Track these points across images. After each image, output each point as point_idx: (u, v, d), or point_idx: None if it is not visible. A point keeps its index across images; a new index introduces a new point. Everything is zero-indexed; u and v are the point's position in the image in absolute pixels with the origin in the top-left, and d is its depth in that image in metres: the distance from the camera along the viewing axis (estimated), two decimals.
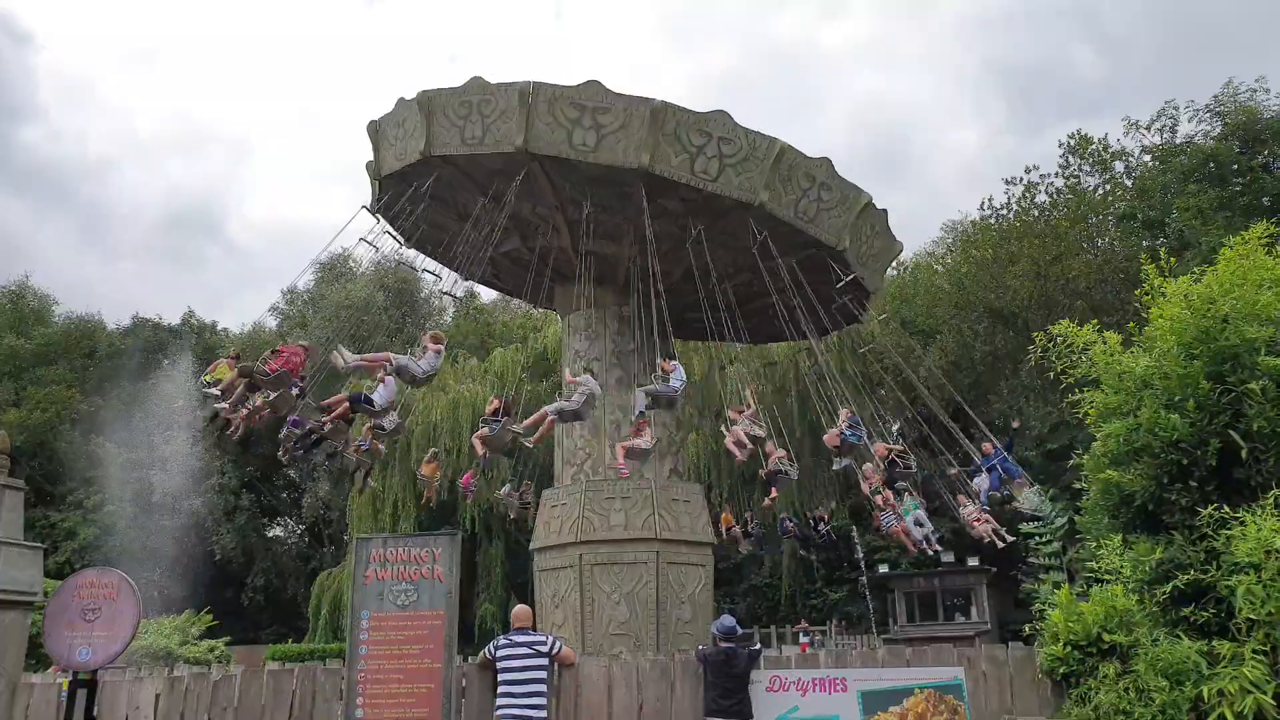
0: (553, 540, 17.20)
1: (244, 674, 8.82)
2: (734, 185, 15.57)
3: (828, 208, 16.57)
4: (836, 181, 16.61)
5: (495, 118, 15.52)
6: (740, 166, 15.51)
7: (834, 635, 31.42)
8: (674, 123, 15.20)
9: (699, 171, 15.38)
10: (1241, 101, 26.89)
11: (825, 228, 16.64)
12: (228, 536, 43.04)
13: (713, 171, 15.44)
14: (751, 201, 15.60)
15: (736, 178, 15.54)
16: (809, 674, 7.88)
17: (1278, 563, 5.63)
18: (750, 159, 15.53)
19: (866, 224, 17.39)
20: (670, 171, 15.27)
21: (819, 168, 16.30)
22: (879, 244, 18.33)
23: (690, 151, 15.33)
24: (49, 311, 54.03)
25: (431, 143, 16.10)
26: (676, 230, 16.58)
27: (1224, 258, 7.11)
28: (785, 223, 16.07)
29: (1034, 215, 30.91)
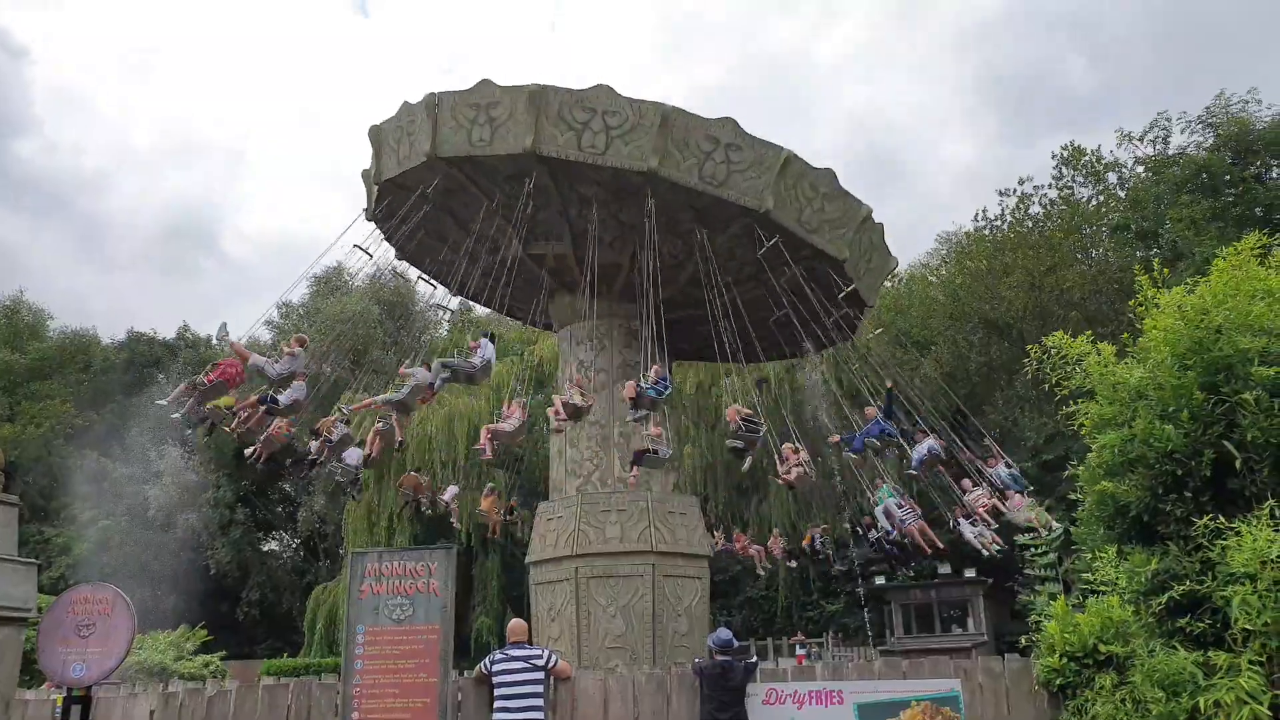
0: (549, 553, 17.15)
1: (239, 689, 8.78)
2: (741, 191, 15.62)
3: (830, 219, 16.63)
4: (840, 193, 16.70)
5: (504, 120, 15.52)
6: (747, 173, 15.58)
7: (831, 647, 31.36)
8: (683, 128, 15.28)
9: (706, 176, 15.44)
10: (1234, 113, 27.07)
11: (828, 239, 16.69)
12: (223, 551, 42.89)
13: (720, 177, 15.50)
14: (758, 208, 15.62)
15: (744, 183, 15.60)
16: (805, 686, 7.86)
17: (1273, 573, 5.63)
18: (757, 166, 15.61)
19: (865, 237, 17.46)
20: (678, 176, 15.30)
21: (823, 178, 16.38)
22: (876, 259, 18.41)
23: (698, 157, 15.39)
24: (43, 326, 53.94)
25: (438, 145, 16.06)
26: (679, 242, 16.57)
27: (1217, 269, 7.14)
28: (789, 232, 16.08)
29: (1028, 226, 31.06)
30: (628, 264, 17.61)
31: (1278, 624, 5.63)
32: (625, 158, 15.21)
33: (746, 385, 36.70)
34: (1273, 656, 5.73)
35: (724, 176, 15.51)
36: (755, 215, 15.79)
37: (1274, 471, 6.30)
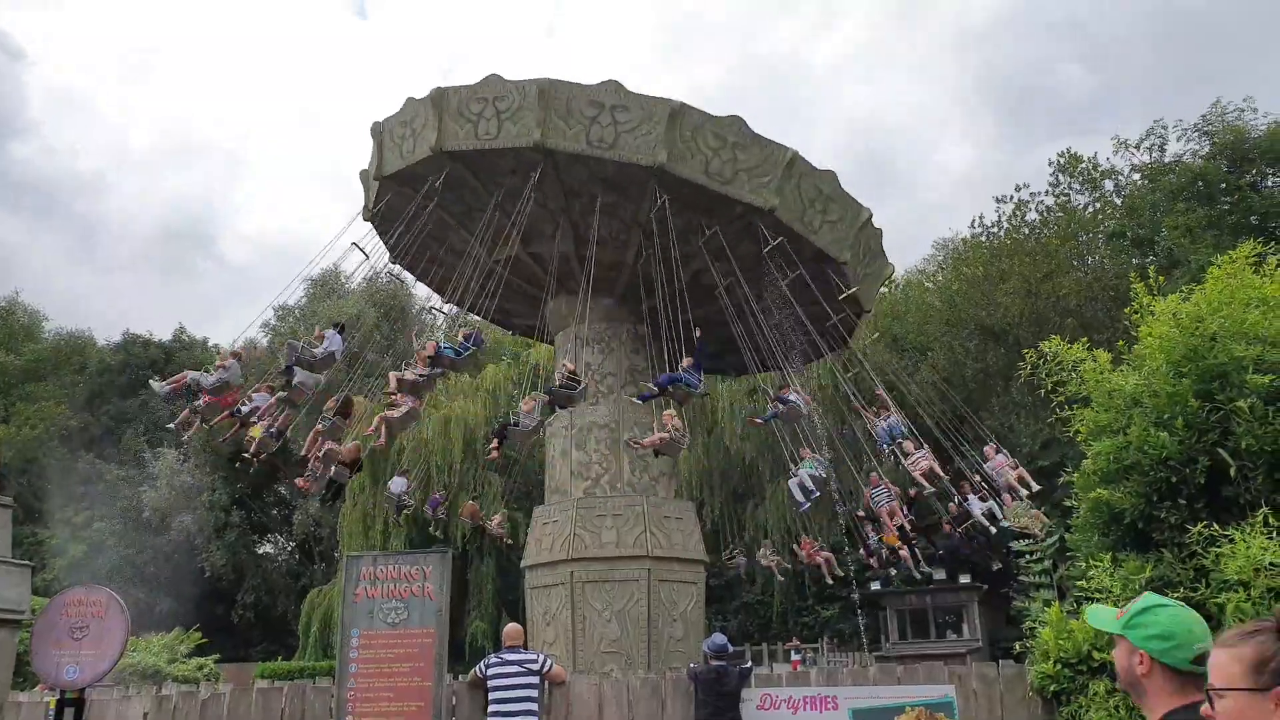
0: (544, 558, 17.14)
1: (233, 692, 8.77)
2: (747, 190, 15.66)
3: (832, 220, 16.71)
4: (841, 195, 16.78)
5: (512, 113, 15.54)
6: (753, 172, 15.64)
7: (826, 653, 31.33)
8: (691, 124, 15.34)
9: (713, 174, 15.49)
10: (1229, 121, 27.16)
11: (829, 240, 16.74)
12: (217, 554, 42.80)
13: (727, 175, 15.56)
14: (764, 206, 15.67)
15: (750, 182, 15.65)
16: (800, 692, 7.87)
17: (1266, 580, 5.65)
18: (763, 165, 15.68)
19: (864, 241, 17.50)
20: (686, 172, 15.34)
21: (826, 180, 16.46)
22: (874, 263, 18.45)
23: (705, 154, 15.45)
24: (39, 327, 53.91)
25: (443, 138, 16.04)
26: (681, 244, 16.58)
27: (1212, 276, 7.15)
28: (792, 232, 16.13)
29: (1024, 233, 31.12)
30: (631, 263, 17.59)
31: None
32: (634, 152, 15.24)
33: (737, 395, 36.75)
34: None
35: (730, 175, 15.56)
36: (761, 214, 15.80)
37: (1268, 479, 6.31)
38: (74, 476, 45.18)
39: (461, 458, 34.57)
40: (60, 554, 41.79)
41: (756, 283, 17.13)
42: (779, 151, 15.76)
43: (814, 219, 16.44)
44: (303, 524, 43.26)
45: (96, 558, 42.26)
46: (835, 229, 16.82)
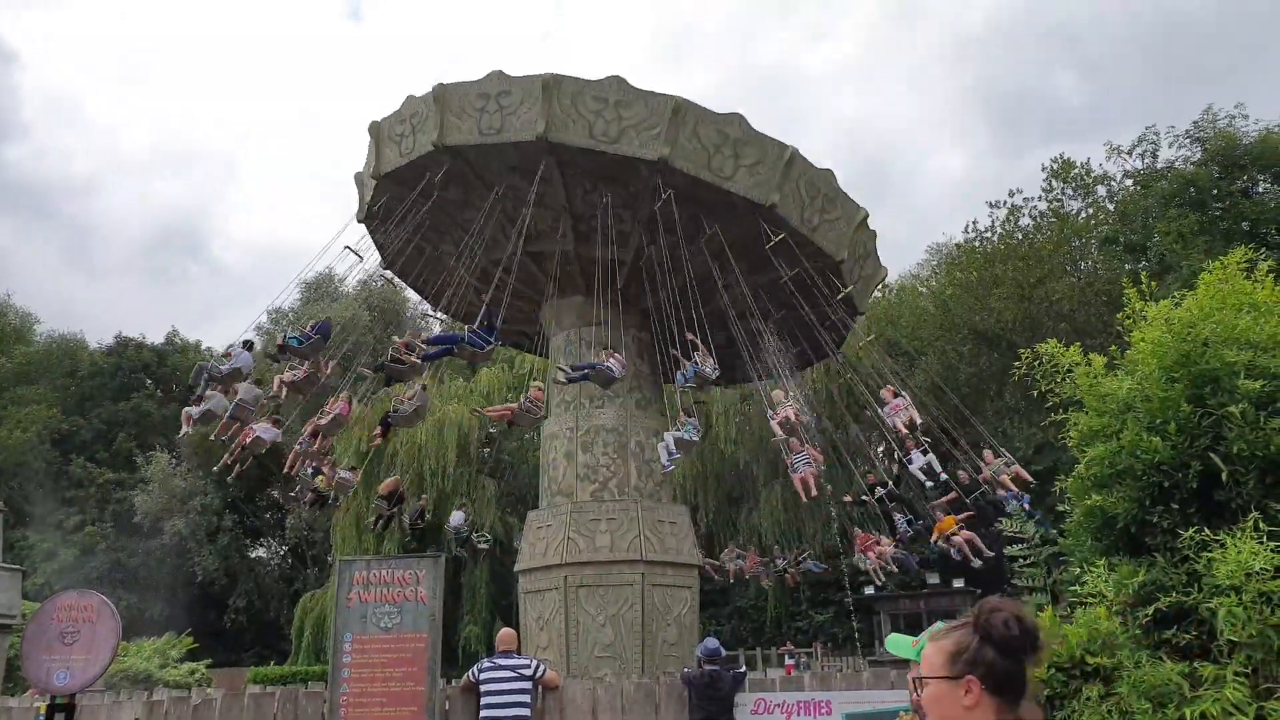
0: (538, 562, 17.11)
1: (224, 697, 8.73)
2: (748, 185, 15.73)
3: (830, 219, 16.80)
4: (838, 194, 16.86)
5: (515, 107, 15.56)
6: (754, 169, 15.72)
7: (820, 657, 31.34)
8: (693, 120, 15.40)
9: (715, 169, 15.56)
10: (1221, 127, 27.27)
11: (827, 239, 16.81)
12: (210, 558, 42.68)
13: (728, 170, 15.62)
14: (764, 202, 15.72)
15: (750, 178, 15.72)
16: (793, 696, 7.87)
17: (1258, 585, 5.66)
18: (763, 161, 15.75)
19: (861, 242, 17.54)
20: (689, 167, 15.40)
21: (824, 179, 16.54)
22: (869, 266, 18.50)
23: (708, 150, 15.52)
24: (30, 330, 53.73)
25: (445, 133, 16.02)
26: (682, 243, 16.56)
27: (1204, 282, 7.17)
28: (791, 229, 16.17)
29: (1018, 238, 31.21)
30: (631, 261, 17.57)
31: (1262, 636, 5.65)
32: (637, 147, 15.30)
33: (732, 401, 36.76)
34: (1258, 668, 5.75)
35: (731, 171, 15.62)
36: (762, 210, 15.84)
37: (1259, 484, 6.33)
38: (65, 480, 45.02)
39: (455, 461, 34.53)
40: (51, 558, 41.61)
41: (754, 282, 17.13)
42: (779, 148, 15.83)
43: (813, 217, 16.52)
44: (295, 528, 43.18)
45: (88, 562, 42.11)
46: (834, 227, 16.90)
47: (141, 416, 48.76)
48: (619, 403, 18.08)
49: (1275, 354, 6.58)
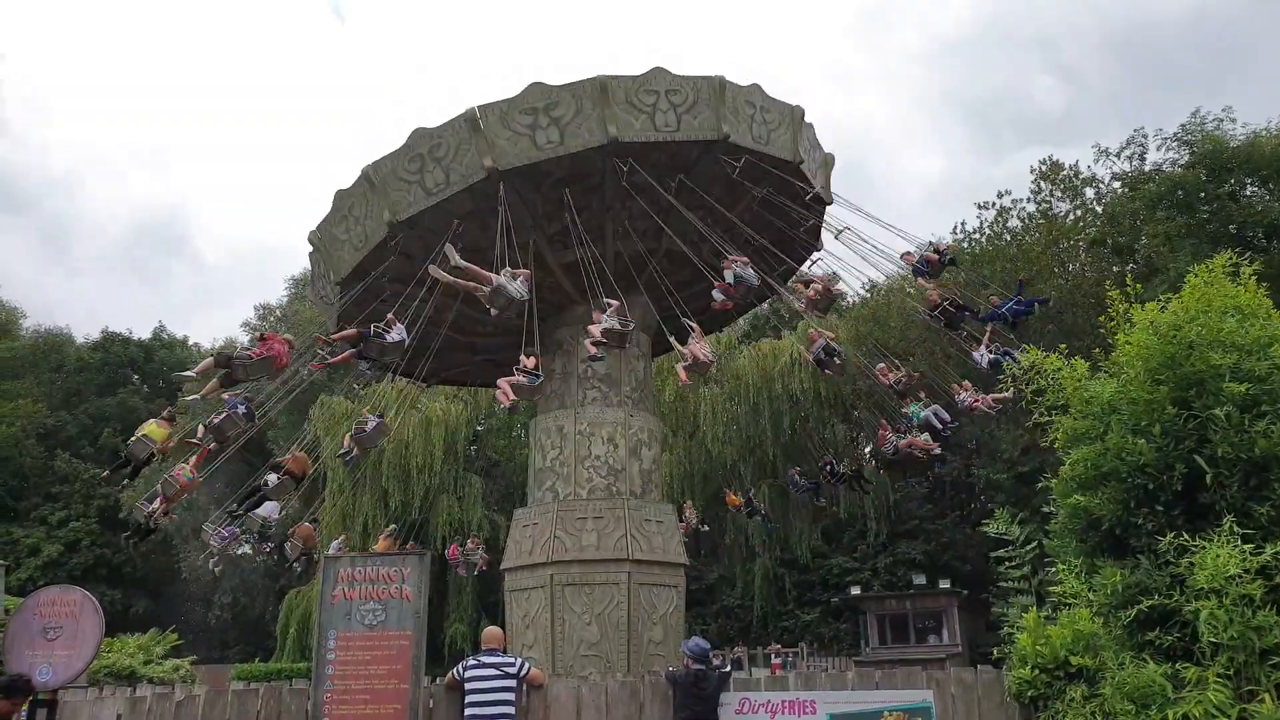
0: (523, 560, 17.08)
1: (208, 694, 8.68)
2: (694, 128, 15.81)
3: (775, 128, 16.87)
4: (772, 102, 16.90)
5: (452, 155, 15.49)
6: (693, 110, 15.77)
7: (806, 657, 31.38)
8: (621, 91, 15.40)
9: (661, 127, 15.59)
10: (1208, 131, 27.35)
11: (779, 146, 16.89)
12: (195, 554, 42.45)
13: (672, 123, 15.66)
14: (714, 138, 15.81)
15: (695, 120, 15.78)
16: (778, 696, 7.86)
17: (1239, 588, 5.69)
18: (698, 100, 15.79)
19: (805, 137, 17.62)
20: (634, 134, 15.43)
21: (755, 93, 16.60)
22: (818, 155, 18.58)
23: (647, 111, 15.55)
24: (16, 324, 53.34)
25: (394, 209, 15.94)
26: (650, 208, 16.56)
27: (1190, 285, 7.21)
28: (747, 150, 16.22)
29: (1006, 239, 31.26)
30: (606, 253, 17.44)
31: (1244, 638, 5.68)
32: (585, 139, 15.32)
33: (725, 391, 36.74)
34: (1240, 670, 5.78)
35: (675, 122, 15.71)
36: (715, 144, 15.94)
37: (1244, 486, 6.36)
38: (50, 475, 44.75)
39: (441, 459, 34.47)
40: (35, 553, 41.39)
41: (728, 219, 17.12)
42: (707, 83, 15.83)
43: (761, 133, 16.61)
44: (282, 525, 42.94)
45: (72, 557, 41.87)
46: (780, 134, 16.97)
47: (128, 412, 48.48)
48: (609, 401, 18.06)
49: (1260, 357, 6.61)
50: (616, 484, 17.53)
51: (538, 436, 18.47)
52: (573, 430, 17.82)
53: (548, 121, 15.25)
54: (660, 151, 15.86)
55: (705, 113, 15.80)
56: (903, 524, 36.20)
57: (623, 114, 15.36)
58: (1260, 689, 5.72)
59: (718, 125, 15.80)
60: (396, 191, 15.94)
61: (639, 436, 18.19)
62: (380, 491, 33.65)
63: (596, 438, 17.74)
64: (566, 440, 17.79)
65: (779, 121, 16.92)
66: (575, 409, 17.94)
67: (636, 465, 17.95)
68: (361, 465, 31.68)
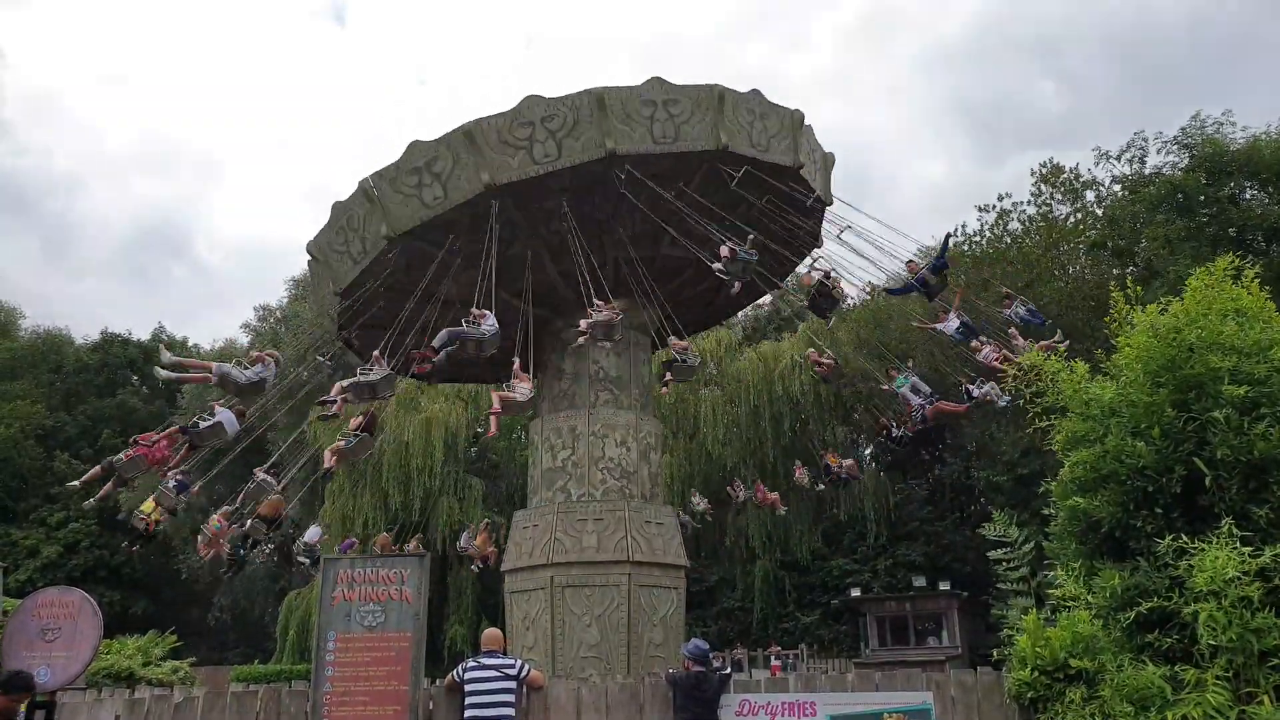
0: (524, 562, 17.08)
1: (207, 695, 8.68)
2: (693, 139, 15.69)
3: (774, 134, 16.75)
4: (770, 107, 16.76)
5: (450, 170, 15.47)
6: (691, 120, 15.65)
7: (806, 659, 31.34)
8: (618, 103, 15.30)
9: (659, 138, 15.50)
10: (1208, 134, 27.37)
11: (779, 152, 16.76)
12: (194, 556, 42.42)
13: (671, 134, 15.57)
14: (713, 148, 15.70)
15: (693, 130, 15.67)
16: (778, 698, 7.86)
17: (1238, 590, 5.69)
18: (697, 110, 15.67)
19: (805, 140, 17.50)
20: (632, 147, 15.35)
21: (755, 99, 16.48)
22: (818, 156, 18.45)
23: (645, 123, 15.44)
24: (15, 325, 53.34)
25: (392, 223, 15.94)
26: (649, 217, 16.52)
27: (1190, 288, 7.22)
28: (747, 159, 16.12)
29: (1006, 242, 31.27)
30: (605, 257, 17.49)
31: (1243, 641, 5.69)
32: (579, 153, 15.26)
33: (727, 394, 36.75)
34: (1239, 672, 5.79)
35: (674, 133, 15.62)
36: (716, 155, 15.83)
37: (1243, 488, 6.37)
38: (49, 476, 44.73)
39: (442, 460, 34.46)
40: (34, 555, 41.37)
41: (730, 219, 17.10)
42: (706, 92, 15.69)
43: (760, 139, 16.46)
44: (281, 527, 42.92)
45: (71, 559, 41.85)
46: (780, 139, 16.85)
47: (127, 413, 48.51)
48: (620, 403, 18.07)
49: (1260, 359, 6.62)
50: (629, 486, 17.56)
51: (546, 436, 18.27)
52: (586, 431, 17.73)
53: (544, 135, 15.19)
54: (659, 161, 15.78)
55: (704, 122, 15.68)
56: (903, 526, 36.18)
57: (620, 126, 15.25)
58: (1259, 691, 5.72)
59: (716, 135, 15.67)
60: (394, 205, 15.94)
61: (648, 440, 18.30)
62: (380, 493, 33.63)
63: (610, 440, 17.72)
64: (579, 440, 17.70)
65: (778, 127, 16.84)
66: (588, 410, 17.90)
67: (646, 469, 18.04)
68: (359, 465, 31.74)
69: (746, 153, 16.13)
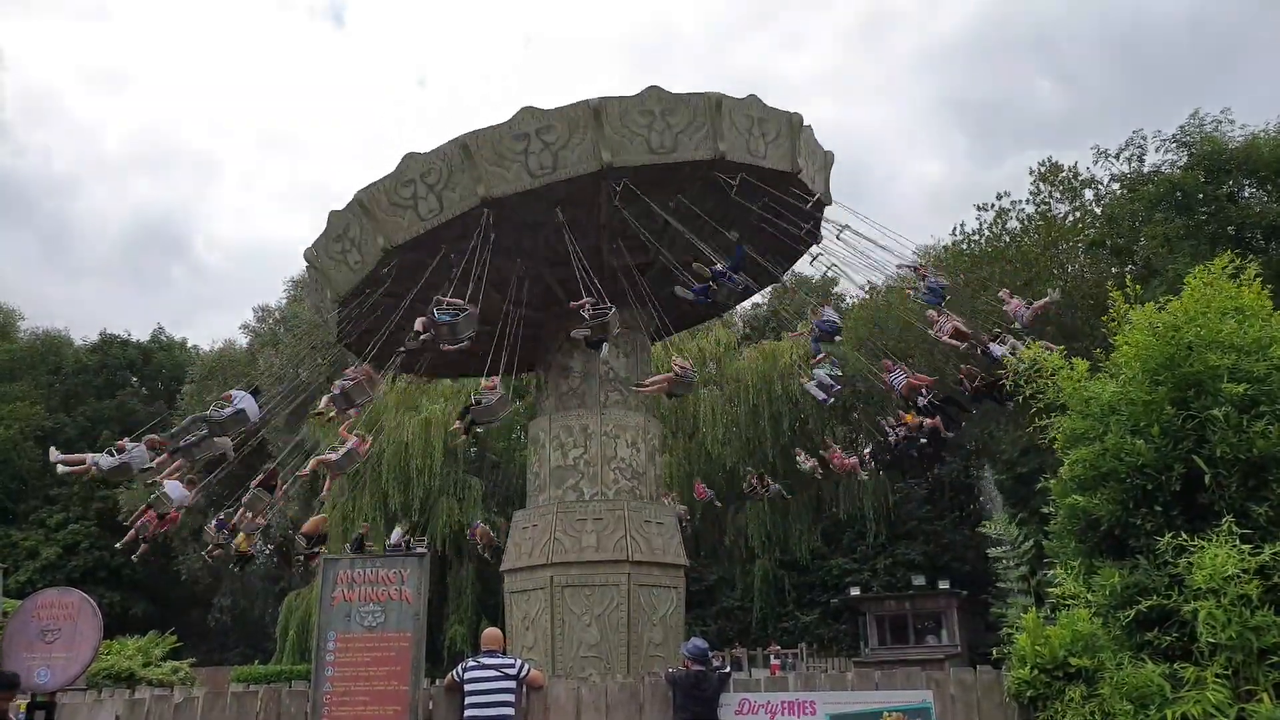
0: (524, 562, 17.08)
1: (207, 696, 8.67)
2: (691, 148, 15.60)
3: (772, 139, 16.63)
4: (769, 112, 16.64)
5: (444, 183, 15.47)
6: (688, 130, 15.56)
7: (806, 658, 31.35)
8: (615, 114, 15.22)
9: (656, 148, 15.44)
10: (1207, 132, 27.37)
11: (777, 158, 16.66)
12: (194, 557, 42.37)
13: (668, 144, 15.49)
14: (711, 157, 15.62)
15: (691, 140, 15.59)
16: (778, 697, 7.86)
17: (1237, 588, 5.69)
18: (695, 119, 15.59)
19: (804, 143, 17.42)
20: (629, 158, 15.28)
21: (753, 105, 16.35)
22: (818, 158, 18.34)
23: (642, 133, 15.34)
24: (14, 326, 53.28)
25: (389, 235, 15.96)
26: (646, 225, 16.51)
27: (1189, 286, 7.22)
28: (744, 166, 16.05)
29: (1005, 241, 31.27)
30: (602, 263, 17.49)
31: (1243, 638, 5.69)
32: (575, 165, 15.22)
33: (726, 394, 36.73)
34: (1238, 670, 5.79)
35: (671, 143, 15.53)
36: (715, 164, 15.77)
37: (1242, 486, 6.37)
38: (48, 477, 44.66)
39: (441, 460, 34.44)
40: (34, 556, 41.34)
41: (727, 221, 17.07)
42: (704, 101, 15.60)
43: (758, 146, 16.35)
44: (281, 527, 42.93)
45: (70, 560, 41.82)
46: (779, 145, 16.72)
47: (126, 414, 48.44)
48: (629, 404, 18.08)
49: (1259, 357, 6.63)
50: (639, 487, 17.61)
51: (556, 433, 18.10)
52: (598, 430, 17.71)
53: (540, 147, 15.14)
54: (657, 172, 15.73)
55: (701, 131, 15.61)
56: (902, 525, 36.20)
57: (616, 137, 15.18)
58: (1258, 688, 5.72)
59: (714, 145, 15.60)
60: (390, 218, 15.97)
61: (653, 442, 18.41)
62: (380, 494, 33.62)
63: (621, 440, 17.73)
64: (591, 440, 17.67)
65: (777, 132, 16.75)
66: (599, 409, 17.90)
67: (652, 470, 18.16)
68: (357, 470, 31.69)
69: (744, 160, 16.06)
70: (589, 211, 16.40)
